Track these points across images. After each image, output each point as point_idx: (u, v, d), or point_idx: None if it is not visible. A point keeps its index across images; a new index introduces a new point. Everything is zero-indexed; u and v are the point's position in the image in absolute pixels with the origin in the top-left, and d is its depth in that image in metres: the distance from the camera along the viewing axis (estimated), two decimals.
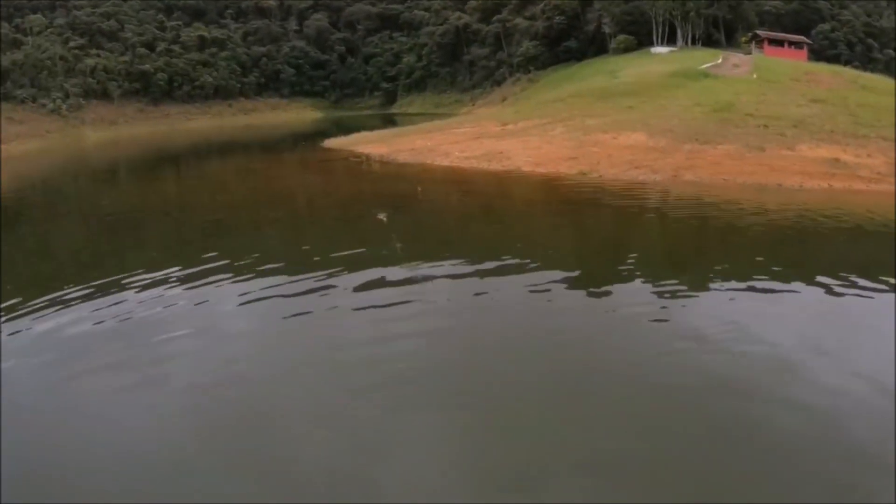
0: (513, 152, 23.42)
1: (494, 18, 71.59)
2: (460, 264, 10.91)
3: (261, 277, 10.42)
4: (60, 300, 9.48)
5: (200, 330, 8.41)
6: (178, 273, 10.89)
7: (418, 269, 10.44)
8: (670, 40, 53.89)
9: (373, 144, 30.17)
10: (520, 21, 67.45)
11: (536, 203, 17.61)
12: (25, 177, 31.17)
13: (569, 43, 61.24)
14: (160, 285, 10.23)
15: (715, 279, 10.06)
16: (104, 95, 64.14)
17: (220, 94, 75.37)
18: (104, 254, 13.57)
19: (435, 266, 10.67)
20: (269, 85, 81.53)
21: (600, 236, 14.23)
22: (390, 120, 57.40)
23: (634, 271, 10.72)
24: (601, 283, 10.05)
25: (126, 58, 68.79)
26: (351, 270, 10.53)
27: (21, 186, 27.18)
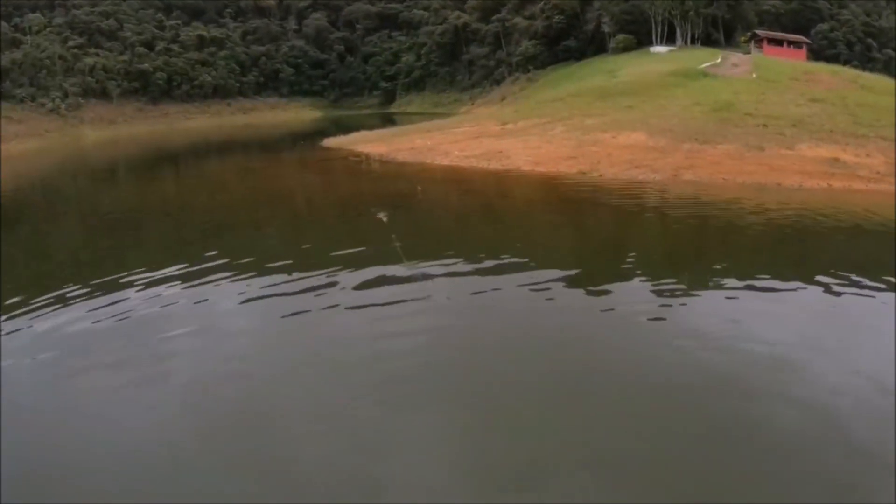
0: (512, 152, 23.40)
1: (494, 18, 71.58)
2: (460, 263, 10.90)
3: (260, 276, 10.41)
4: (60, 299, 9.48)
5: (200, 329, 8.40)
6: (177, 272, 10.89)
7: (418, 268, 10.42)
8: (669, 40, 53.94)
9: (372, 144, 30.15)
10: (519, 20, 67.46)
11: (536, 202, 17.61)
12: (24, 176, 31.14)
13: (568, 42, 61.32)
14: (160, 284, 10.22)
15: (714, 278, 10.05)
16: (103, 95, 64.14)
17: (219, 93, 75.40)
18: (103, 253, 13.54)
19: (435, 265, 10.65)
20: (268, 84, 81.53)
21: (600, 235, 14.22)
22: (389, 119, 57.39)
23: (634, 270, 10.72)
24: (601, 282, 10.05)
25: (125, 57, 68.77)
26: (351, 269, 10.51)
27: (20, 186, 27.15)
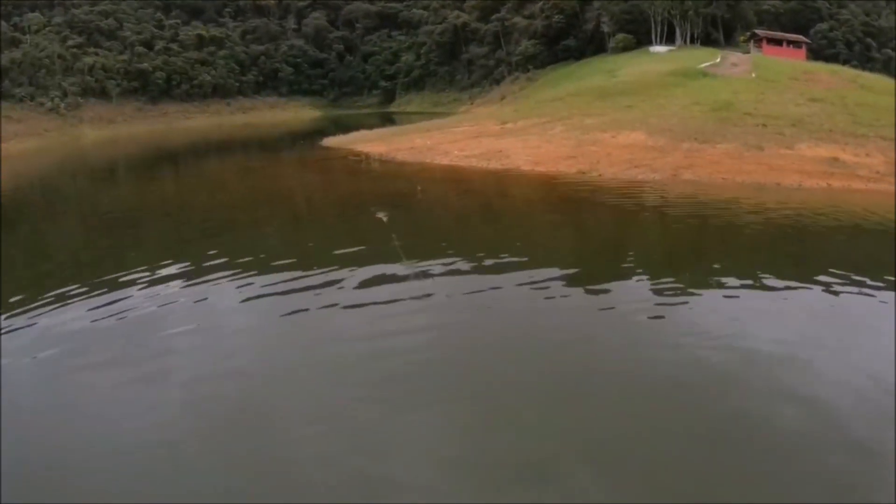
0: (512, 151, 23.40)
1: (493, 17, 71.52)
2: (460, 262, 10.90)
3: (260, 275, 10.42)
4: (60, 298, 9.47)
5: (200, 328, 8.41)
6: (177, 271, 10.89)
7: (418, 267, 10.43)
8: (669, 39, 53.95)
9: (371, 143, 30.13)
10: (519, 20, 67.43)
11: (535, 202, 17.61)
12: (23, 175, 31.12)
13: (567, 42, 61.31)
14: (159, 283, 10.23)
15: (714, 277, 10.05)
16: (102, 94, 64.03)
17: (219, 92, 75.24)
18: (103, 252, 13.53)
19: (434, 264, 10.66)
20: (268, 83, 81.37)
21: (599, 235, 14.23)
22: (389, 119, 57.36)
23: (634, 269, 10.74)
24: (601, 281, 10.06)
25: (124, 56, 68.64)
26: (350, 268, 10.51)
27: (19, 185, 27.13)
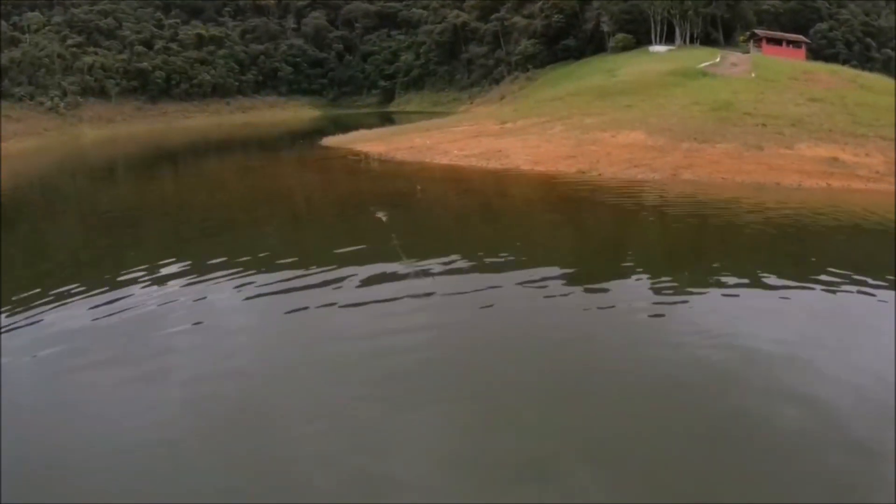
0: (511, 151, 23.40)
1: (493, 17, 71.51)
2: (460, 261, 10.91)
3: (260, 274, 10.42)
4: (60, 297, 9.47)
5: (200, 326, 8.41)
6: (177, 270, 10.89)
7: (418, 266, 10.43)
8: (668, 39, 53.96)
9: (371, 143, 30.13)
10: (518, 19, 67.41)
11: (535, 201, 17.61)
12: (23, 175, 31.09)
13: (567, 41, 61.30)
14: (159, 282, 10.23)
15: (714, 276, 10.07)
16: (102, 93, 63.99)
17: (218, 92, 75.20)
18: (103, 251, 13.53)
19: (434, 263, 10.66)
20: (267, 83, 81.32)
21: (599, 234, 14.23)
22: (388, 118, 57.34)
23: (634, 268, 10.75)
24: (600, 280, 10.07)
25: (124, 56, 68.60)
26: (350, 267, 10.51)
27: (19, 184, 27.11)
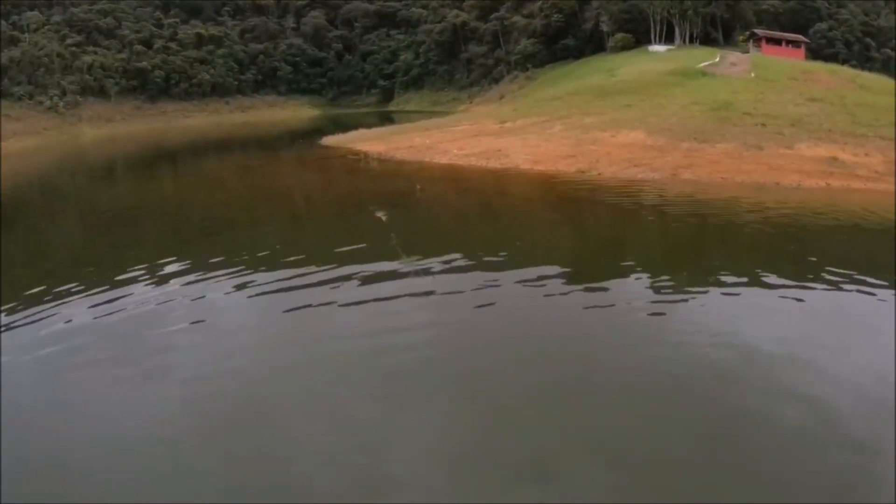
0: (511, 150, 23.40)
1: (492, 16, 71.47)
2: (459, 260, 10.92)
3: (260, 273, 10.43)
4: (59, 296, 9.47)
5: (200, 325, 8.41)
6: (176, 269, 10.89)
7: (417, 265, 10.44)
8: (668, 39, 53.95)
9: (371, 142, 30.12)
10: (518, 19, 67.37)
11: (535, 201, 17.61)
12: (22, 174, 31.06)
13: (567, 41, 61.27)
14: (159, 281, 10.23)
15: (713, 276, 10.07)
16: (101, 93, 63.92)
17: (218, 91, 75.11)
18: (102, 251, 13.54)
19: (434, 262, 10.67)
20: (267, 82, 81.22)
21: (599, 234, 14.25)
22: (388, 117, 57.32)
23: (633, 268, 10.76)
24: (600, 279, 10.09)
25: (123, 55, 68.51)
26: (350, 266, 10.53)
27: (18, 184, 27.08)
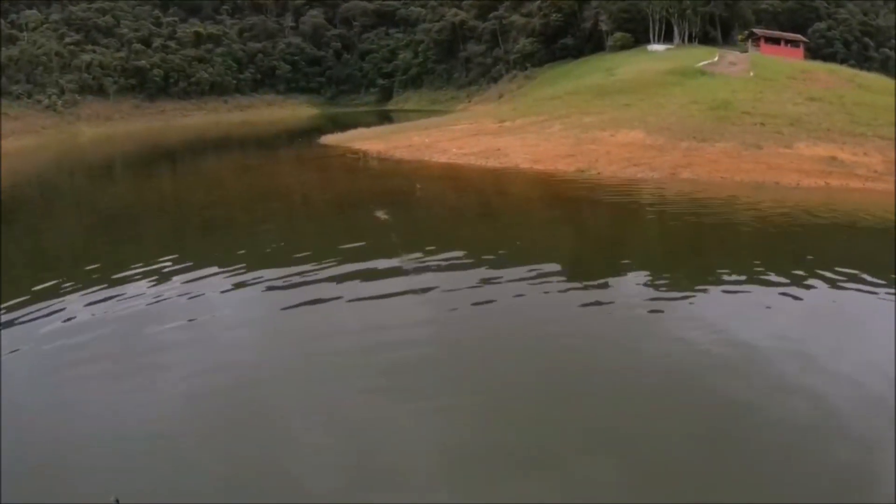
0: (510, 149, 23.40)
1: (491, 15, 71.42)
2: (459, 259, 10.93)
3: (259, 271, 10.43)
4: (58, 295, 9.46)
5: (199, 323, 8.42)
6: (175, 267, 10.88)
7: (416, 264, 10.44)
8: (667, 38, 53.95)
9: (370, 141, 30.12)
10: (516, 18, 67.32)
11: (534, 200, 17.62)
12: (21, 173, 30.99)
13: (566, 40, 61.24)
14: (157, 279, 10.23)
15: (712, 274, 10.09)
16: (100, 91, 63.84)
17: (216, 90, 75.04)
18: (100, 249, 13.51)
19: (433, 261, 10.68)
20: (265, 81, 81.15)
21: (598, 233, 14.26)
22: (386, 117, 57.33)
23: (632, 266, 10.78)
24: (599, 277, 10.11)
25: (122, 54, 68.42)
26: (349, 264, 10.54)
27: (17, 182, 27.01)
